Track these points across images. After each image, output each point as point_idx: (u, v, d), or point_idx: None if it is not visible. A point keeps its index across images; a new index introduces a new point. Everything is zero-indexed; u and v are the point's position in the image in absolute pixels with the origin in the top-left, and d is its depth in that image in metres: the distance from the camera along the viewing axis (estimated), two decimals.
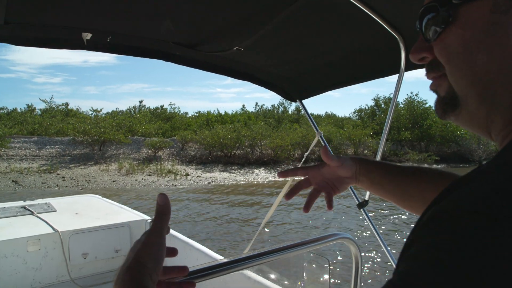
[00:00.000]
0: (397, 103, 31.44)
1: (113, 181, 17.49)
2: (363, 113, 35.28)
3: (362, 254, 1.56)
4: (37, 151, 21.68)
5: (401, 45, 1.64)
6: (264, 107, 37.12)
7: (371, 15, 1.44)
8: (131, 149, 23.62)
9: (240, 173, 21.20)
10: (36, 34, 1.51)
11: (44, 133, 24.22)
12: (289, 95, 2.49)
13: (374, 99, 34.62)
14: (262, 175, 21.07)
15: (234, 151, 23.78)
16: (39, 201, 4.67)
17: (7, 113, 27.37)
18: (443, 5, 0.54)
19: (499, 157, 0.47)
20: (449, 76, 0.55)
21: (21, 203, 4.47)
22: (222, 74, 2.16)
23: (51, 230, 3.61)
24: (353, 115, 36.78)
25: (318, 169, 1.07)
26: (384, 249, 2.08)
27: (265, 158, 23.82)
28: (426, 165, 27.41)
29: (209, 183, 18.09)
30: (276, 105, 37.32)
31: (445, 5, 0.53)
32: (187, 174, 19.74)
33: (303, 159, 3.01)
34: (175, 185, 17.18)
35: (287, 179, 1.33)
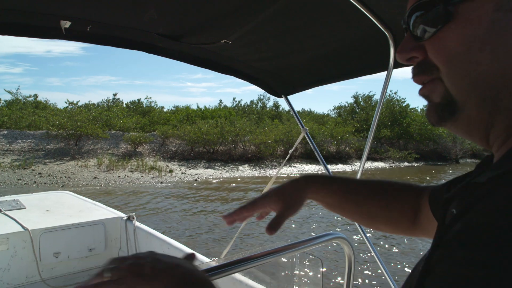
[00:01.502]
0: (376, 101, 31.80)
1: (95, 177, 16.58)
2: (342, 110, 35.38)
3: (357, 253, 1.52)
4: (7, 145, 20.34)
5: (390, 42, 1.59)
6: (242, 102, 36.66)
7: (361, 9, 1.39)
8: (109, 144, 22.61)
9: (225, 169, 20.67)
10: (10, 20, 1.39)
11: (14, 126, 22.82)
12: (274, 91, 2.44)
13: (354, 97, 34.89)
14: (247, 172, 20.64)
15: (217, 147, 23.20)
16: (7, 197, 4.44)
17: None
18: (440, 2, 0.50)
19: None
20: (446, 78, 0.51)
21: None
22: (207, 68, 2.11)
23: (20, 229, 3.45)
24: (332, 112, 36.89)
25: (264, 205, 0.94)
26: (369, 247, 2.06)
27: (249, 155, 23.38)
28: (406, 163, 27.87)
29: (195, 180, 17.48)
30: (254, 101, 36.96)
31: (443, 1, 0.50)
32: (171, 171, 19.03)
33: (288, 156, 2.93)
34: (161, 182, 16.48)
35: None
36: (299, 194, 0.92)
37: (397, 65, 1.73)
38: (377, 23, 1.48)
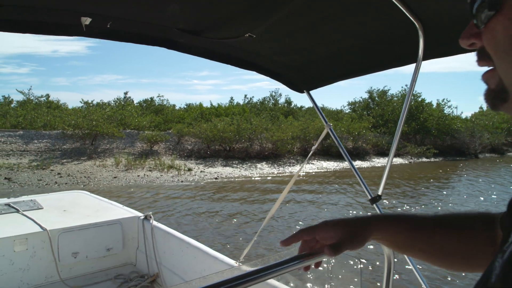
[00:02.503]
0: (392, 95, 31.27)
1: (114, 177, 16.36)
2: (356, 106, 34.88)
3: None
4: (24, 145, 20.21)
5: (420, 33, 1.53)
6: (254, 99, 36.30)
7: None
8: (125, 143, 22.40)
9: (243, 167, 20.38)
10: (32, 18, 1.39)
11: (29, 126, 22.67)
12: (296, 86, 2.39)
13: (368, 92, 34.30)
14: (266, 169, 20.33)
15: (233, 145, 22.91)
16: (24, 198, 4.43)
17: None
18: None
19: None
20: (498, 68, 0.52)
21: (5, 200, 4.26)
22: (227, 63, 2.06)
23: (38, 229, 3.45)
24: (346, 107, 36.37)
25: (324, 233, 0.92)
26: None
27: (266, 152, 23.06)
28: (424, 159, 27.41)
29: (215, 178, 17.21)
30: (267, 98, 36.59)
31: None
32: (189, 170, 18.77)
33: (311, 153, 2.85)
34: (181, 181, 16.22)
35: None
36: (364, 230, 0.88)
37: (426, 57, 1.66)
38: (406, 13, 1.42)
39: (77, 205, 4.33)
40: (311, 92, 2.43)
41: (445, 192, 15.02)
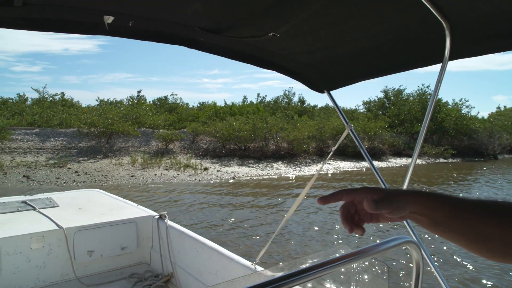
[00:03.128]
0: (407, 95, 30.85)
1: (132, 176, 16.25)
2: (371, 105, 34.43)
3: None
4: (41, 143, 20.23)
5: (447, 32, 1.49)
6: (268, 98, 36.09)
7: None
8: (140, 142, 22.35)
9: (259, 167, 20.17)
10: (55, 17, 1.40)
11: (45, 124, 22.72)
12: (316, 86, 2.36)
13: (384, 91, 33.83)
14: (282, 169, 20.09)
15: (249, 144, 22.72)
16: (40, 195, 4.49)
17: (2, 103, 25.63)
18: None
19: None
20: None
21: (21, 197, 4.30)
22: (248, 62, 2.06)
23: (55, 227, 3.47)
24: (360, 107, 35.95)
25: (364, 195, 0.88)
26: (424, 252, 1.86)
27: (281, 152, 22.84)
28: (442, 159, 26.95)
29: (233, 178, 17.02)
30: (280, 97, 36.33)
31: None
32: (206, 169, 18.61)
33: (331, 153, 2.80)
34: (199, 180, 16.06)
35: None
36: (404, 199, 0.85)
37: (453, 56, 1.61)
38: (433, 12, 1.38)
39: (92, 204, 4.34)
40: (331, 92, 2.39)
41: (462, 194, 14.67)
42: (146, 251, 4.07)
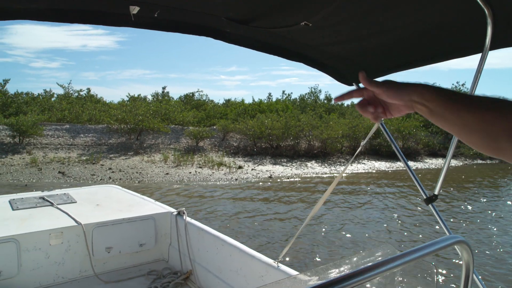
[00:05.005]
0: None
1: (166, 173, 15.82)
2: None
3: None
4: (71, 139, 20.02)
5: (488, 19, 1.39)
6: (293, 96, 35.37)
7: None
8: (170, 139, 21.96)
9: (293, 166, 19.56)
10: (81, 7, 1.37)
11: (75, 120, 22.52)
12: (345, 78, 2.21)
13: None
14: (317, 169, 19.43)
15: (281, 143, 22.11)
16: (58, 191, 4.49)
17: (32, 99, 25.55)
18: None
19: None
20: None
21: (39, 193, 4.31)
22: (274, 54, 1.98)
23: (73, 223, 3.48)
24: None
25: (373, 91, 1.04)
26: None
27: (314, 151, 22.16)
28: (479, 161, 25.90)
29: (269, 177, 16.44)
30: (306, 95, 35.57)
31: None
32: (239, 167, 18.08)
33: (360, 148, 2.63)
34: (235, 179, 15.52)
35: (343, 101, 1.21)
36: (403, 87, 0.95)
37: (494, 46, 1.49)
38: None
39: (109, 200, 4.33)
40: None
41: (499, 195, 13.79)
42: (164, 248, 4.03)
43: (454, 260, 6.71)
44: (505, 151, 0.80)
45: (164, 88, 33.97)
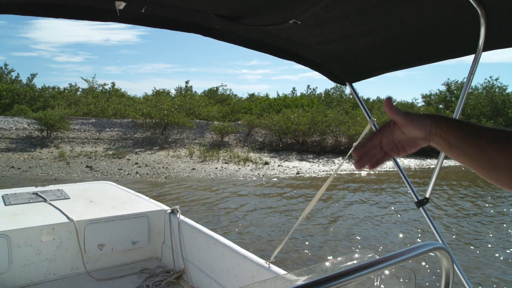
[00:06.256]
0: (473, 88, 28.78)
1: (193, 169, 15.61)
2: (431, 99, 32.38)
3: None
4: (97, 134, 20.07)
5: (482, 20, 1.38)
6: (318, 91, 34.78)
7: None
8: (195, 134, 21.81)
9: (320, 162, 19.11)
10: (66, 2, 1.38)
11: (101, 114, 22.59)
12: (338, 77, 2.28)
13: (446, 84, 31.70)
14: (344, 165, 18.89)
15: (307, 138, 21.66)
16: (52, 187, 4.47)
17: (58, 93, 25.80)
18: None
19: None
20: None
21: (32, 189, 4.27)
22: (265, 52, 1.99)
23: (65, 219, 3.45)
24: (419, 100, 33.92)
25: (389, 129, 0.96)
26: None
27: (341, 147, 21.65)
28: None
29: (296, 173, 16.06)
30: (331, 89, 34.93)
31: None
32: (266, 163, 17.76)
33: (351, 150, 1.97)
34: (262, 175, 15.21)
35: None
36: (423, 118, 0.90)
37: (487, 47, 1.49)
38: None
39: (103, 196, 4.29)
40: (353, 84, 2.29)
41: (493, 196, 13.03)
42: (157, 246, 3.99)
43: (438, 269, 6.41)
44: None
45: (187, 82, 33.93)
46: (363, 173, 17.14)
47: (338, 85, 35.38)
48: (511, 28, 1.46)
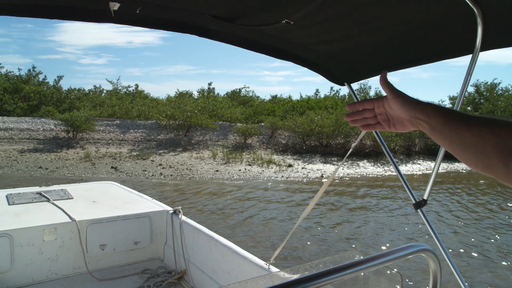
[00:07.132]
0: (503, 89, 27.69)
1: (216, 170, 15.54)
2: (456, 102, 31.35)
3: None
4: (121, 135, 20.24)
5: (478, 20, 1.37)
6: (341, 93, 34.31)
7: None
8: (218, 136, 21.76)
9: (344, 165, 18.75)
10: (59, 3, 1.38)
11: (125, 116, 22.81)
12: (336, 78, 2.26)
13: (475, 85, 30.74)
14: (369, 168, 18.55)
15: (331, 141, 21.34)
16: (55, 187, 4.51)
17: (84, 95, 26.21)
18: None
19: None
20: None
21: (36, 188, 4.32)
22: (262, 53, 1.97)
23: (68, 219, 3.47)
24: (446, 102, 33.02)
25: (382, 101, 1.04)
26: (445, 257, 1.74)
27: (366, 150, 21.23)
28: None
29: (320, 176, 15.78)
30: (355, 91, 34.37)
31: None
32: (289, 165, 17.54)
33: (349, 151, 2.63)
34: (286, 178, 15.00)
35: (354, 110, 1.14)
36: (412, 101, 0.96)
37: (485, 47, 1.48)
38: None
39: (106, 196, 4.31)
40: (352, 84, 2.31)
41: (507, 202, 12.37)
42: (159, 247, 3.99)
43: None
44: (496, 168, 0.78)
45: (210, 84, 34.01)
46: (363, 174, 16.75)
47: (362, 86, 34.91)
48: (508, 27, 1.44)
